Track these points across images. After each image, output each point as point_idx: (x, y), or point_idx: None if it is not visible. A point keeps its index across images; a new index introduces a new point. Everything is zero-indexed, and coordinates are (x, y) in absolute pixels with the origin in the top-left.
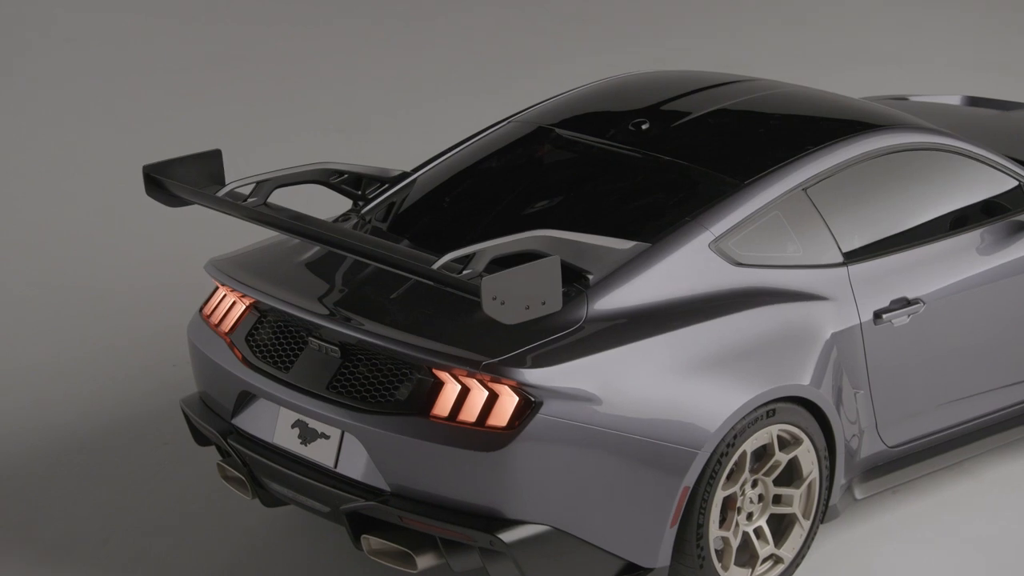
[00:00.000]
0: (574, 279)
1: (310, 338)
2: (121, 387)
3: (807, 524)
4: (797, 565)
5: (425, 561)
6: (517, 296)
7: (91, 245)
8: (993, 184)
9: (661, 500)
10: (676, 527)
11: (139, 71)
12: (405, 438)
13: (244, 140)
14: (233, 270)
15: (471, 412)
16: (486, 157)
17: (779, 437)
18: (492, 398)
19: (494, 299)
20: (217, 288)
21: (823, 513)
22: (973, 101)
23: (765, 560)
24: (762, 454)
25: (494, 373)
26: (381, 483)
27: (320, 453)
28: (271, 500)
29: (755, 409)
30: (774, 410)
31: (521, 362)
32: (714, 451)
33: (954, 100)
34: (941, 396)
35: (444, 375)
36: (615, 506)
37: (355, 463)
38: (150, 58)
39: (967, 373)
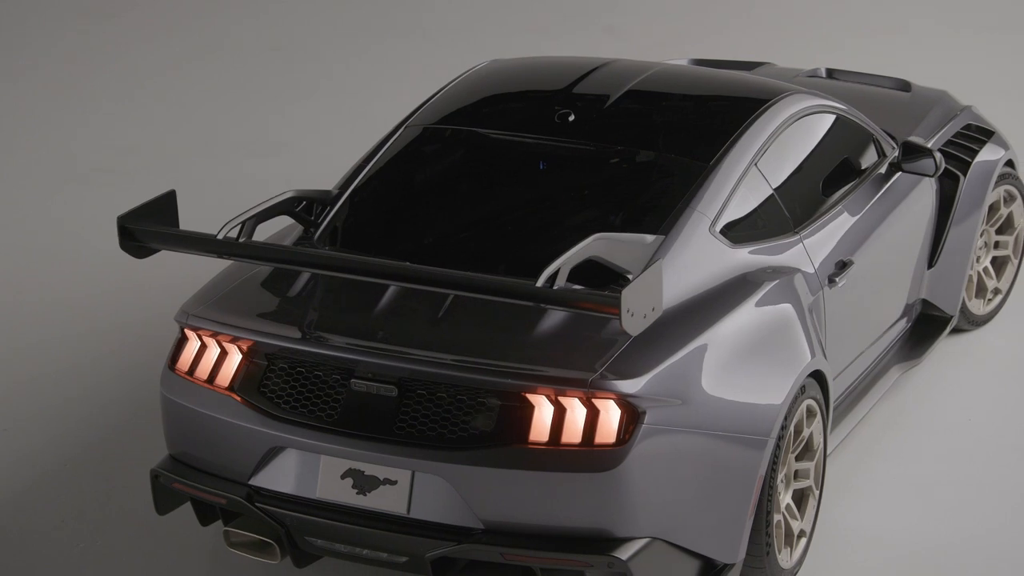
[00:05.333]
0: (616, 279)
1: (353, 380)
2: None
3: (818, 494)
4: (812, 535)
5: None
6: (640, 306)
7: None
8: (857, 136)
9: (743, 492)
10: (752, 518)
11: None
12: (504, 471)
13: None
14: (227, 316)
15: (574, 433)
16: (428, 168)
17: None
18: (592, 415)
19: (627, 312)
20: (185, 340)
21: None
22: (699, 63)
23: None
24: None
25: (600, 388)
26: (471, 521)
27: (386, 501)
28: (304, 559)
29: (798, 388)
30: (804, 386)
31: (620, 373)
32: (777, 435)
33: (681, 62)
34: (861, 345)
35: (535, 398)
36: (705, 505)
37: (433, 505)
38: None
39: (877, 317)
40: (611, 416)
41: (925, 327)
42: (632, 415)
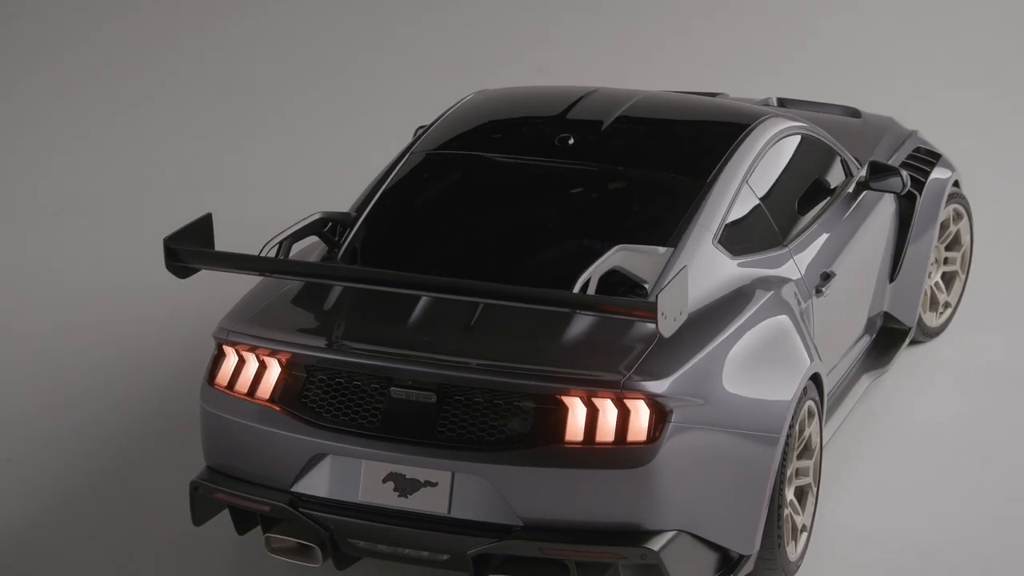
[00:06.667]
0: (634, 288)
1: (393, 388)
2: None
3: (816, 490)
4: (812, 530)
5: None
6: (672, 310)
7: None
8: (828, 156)
9: (758, 486)
10: (767, 511)
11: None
12: (542, 469)
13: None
14: (267, 331)
15: (607, 432)
16: (438, 191)
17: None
18: (623, 414)
19: (662, 315)
20: (223, 356)
21: None
22: None
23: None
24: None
25: (630, 389)
26: (509, 519)
27: (427, 502)
28: (344, 561)
29: (802, 389)
30: (805, 388)
31: (648, 374)
32: (786, 433)
33: None
34: (840, 352)
35: (569, 399)
36: (724, 499)
37: (473, 504)
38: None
39: (852, 325)
40: (641, 415)
41: (887, 338)
42: (660, 414)
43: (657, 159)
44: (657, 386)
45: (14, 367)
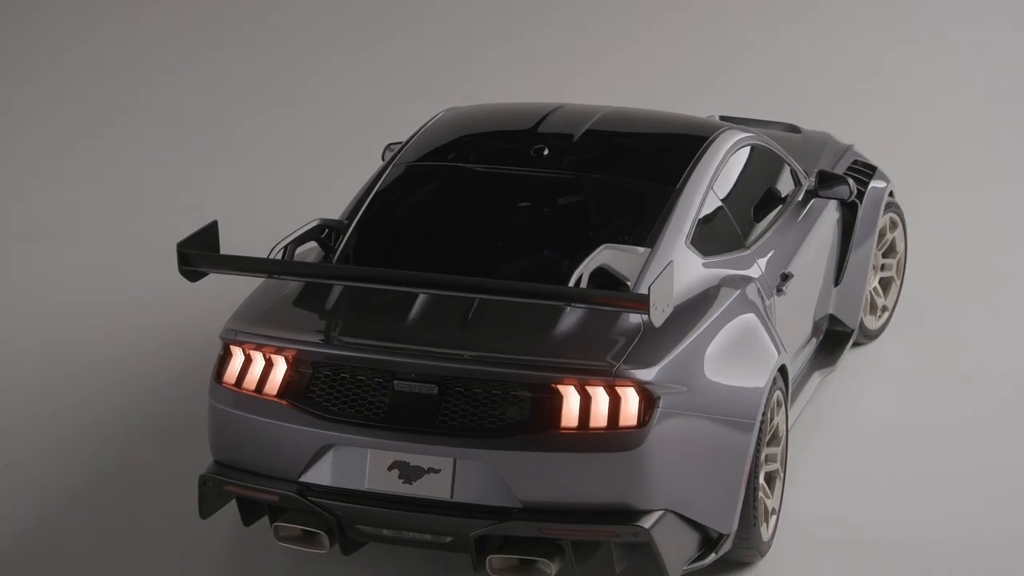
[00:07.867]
0: (616, 285)
1: (396, 381)
2: None
3: (783, 476)
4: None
5: (555, 567)
6: (661, 301)
7: None
8: (779, 165)
9: (736, 468)
10: (744, 492)
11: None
12: (539, 454)
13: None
14: (274, 331)
15: (600, 418)
16: (422, 199)
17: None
18: (614, 401)
19: (654, 306)
20: (229, 355)
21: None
22: None
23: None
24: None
25: (622, 377)
26: (509, 502)
27: (431, 488)
28: (351, 547)
29: (772, 379)
30: (774, 379)
31: (637, 363)
32: (760, 419)
33: None
34: (796, 346)
35: (564, 388)
36: (706, 481)
37: (473, 489)
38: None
39: (806, 324)
40: (631, 401)
41: (832, 339)
42: (649, 400)
43: (629, 167)
44: (646, 374)
45: (14, 370)
